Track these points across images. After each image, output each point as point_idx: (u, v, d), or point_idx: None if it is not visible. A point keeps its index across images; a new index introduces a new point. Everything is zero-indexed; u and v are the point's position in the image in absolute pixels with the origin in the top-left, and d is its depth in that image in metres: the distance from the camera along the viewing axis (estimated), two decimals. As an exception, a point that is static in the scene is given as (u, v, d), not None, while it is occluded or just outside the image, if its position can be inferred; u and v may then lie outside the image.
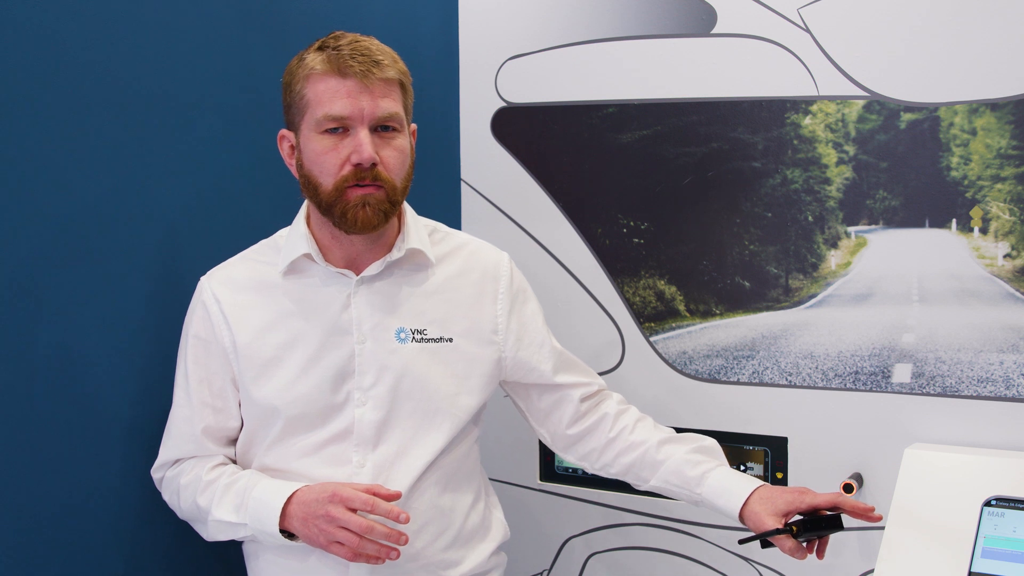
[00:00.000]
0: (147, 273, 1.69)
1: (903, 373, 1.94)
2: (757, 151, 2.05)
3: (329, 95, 1.51)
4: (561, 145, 2.25)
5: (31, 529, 1.53)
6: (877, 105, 1.94)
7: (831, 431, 2.01)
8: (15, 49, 1.48)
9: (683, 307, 2.16)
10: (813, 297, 2.04)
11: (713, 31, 2.07)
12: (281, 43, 1.91)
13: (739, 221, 2.09)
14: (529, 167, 2.29)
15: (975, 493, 1.72)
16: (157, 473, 1.67)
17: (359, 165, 1.51)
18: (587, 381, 1.77)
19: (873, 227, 1.98)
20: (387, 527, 1.47)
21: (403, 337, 1.60)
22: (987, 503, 1.70)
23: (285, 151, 1.61)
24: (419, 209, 1.71)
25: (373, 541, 1.46)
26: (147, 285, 1.69)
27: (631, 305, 2.21)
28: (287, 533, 1.51)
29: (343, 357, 1.58)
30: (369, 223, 1.53)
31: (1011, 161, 1.84)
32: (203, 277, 1.65)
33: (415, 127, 1.63)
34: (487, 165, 2.33)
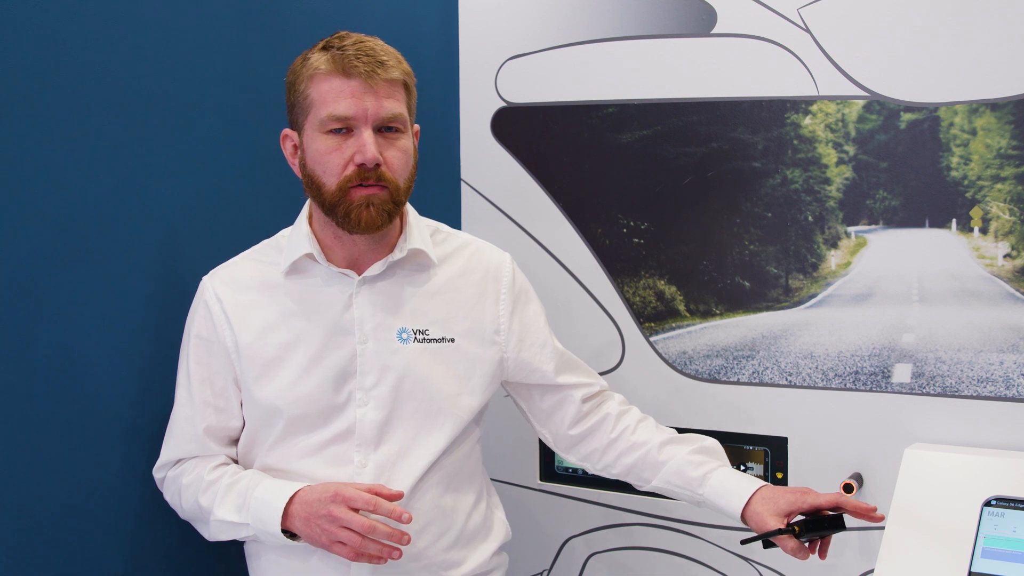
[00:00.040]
0: (147, 273, 1.69)
1: (903, 373, 1.94)
2: (757, 151, 2.05)
3: (333, 95, 1.51)
4: (561, 145, 2.25)
5: (31, 529, 1.53)
6: (877, 105, 1.94)
7: (831, 431, 2.01)
8: (15, 49, 1.48)
9: (683, 307, 2.16)
10: (813, 297, 2.04)
11: (713, 31, 2.07)
12: (281, 43, 1.91)
13: (739, 221, 2.09)
14: (529, 167, 2.29)
15: (975, 493, 1.72)
16: (159, 473, 1.67)
17: (363, 165, 1.51)
18: (589, 382, 1.77)
19: (873, 227, 1.98)
20: (389, 527, 1.46)
21: (405, 337, 1.60)
22: (987, 503, 1.70)
23: (288, 150, 1.61)
24: (419, 209, 1.71)
25: (375, 541, 1.45)
26: (147, 285, 1.69)
27: (631, 305, 2.21)
28: (289, 533, 1.51)
29: (345, 357, 1.58)
30: (373, 223, 1.53)
31: (1011, 161, 1.84)
32: (205, 277, 1.64)
33: (418, 128, 1.63)
34: (487, 165, 2.33)
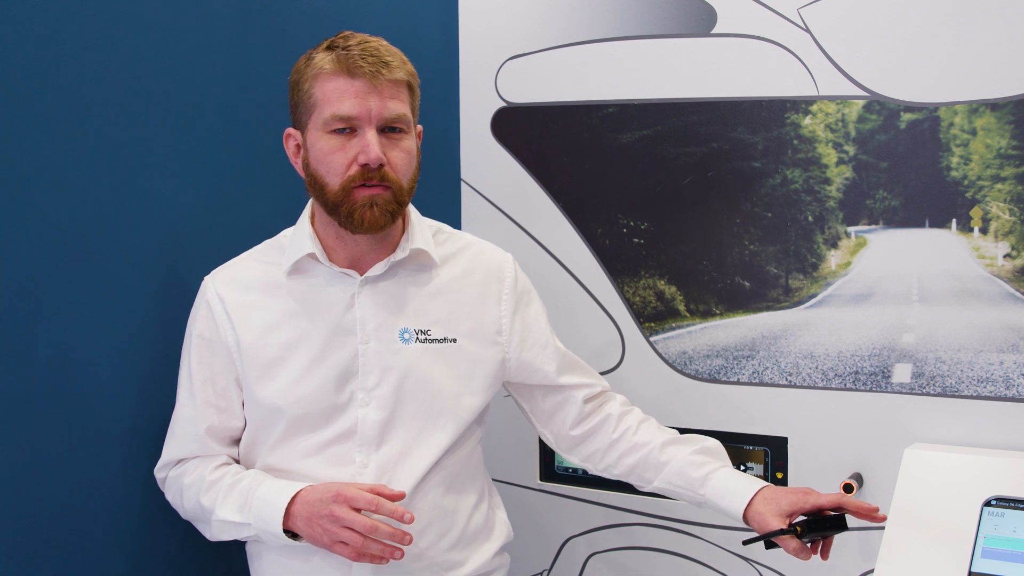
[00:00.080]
0: (148, 273, 1.69)
1: (903, 373, 1.94)
2: (757, 151, 2.05)
3: (338, 95, 1.51)
4: (561, 145, 2.25)
5: (31, 529, 1.53)
6: (877, 105, 1.94)
7: (831, 431, 2.01)
8: (15, 49, 1.48)
9: (683, 307, 2.16)
10: (813, 297, 2.04)
11: (713, 31, 2.07)
12: (281, 43, 1.91)
13: (739, 221, 2.09)
14: (529, 167, 2.29)
15: (975, 493, 1.72)
16: (160, 473, 1.67)
17: (366, 165, 1.51)
18: (591, 382, 1.76)
19: (873, 227, 1.98)
20: (391, 527, 1.46)
21: (407, 337, 1.60)
22: (987, 503, 1.70)
23: (291, 150, 1.61)
24: (419, 209, 1.70)
25: (377, 541, 1.45)
26: (148, 285, 1.69)
27: (631, 305, 2.21)
28: (291, 533, 1.51)
29: (347, 357, 1.58)
30: (376, 223, 1.53)
31: (1011, 161, 1.84)
32: (207, 277, 1.64)
33: (421, 128, 1.62)
34: (487, 165, 2.33)
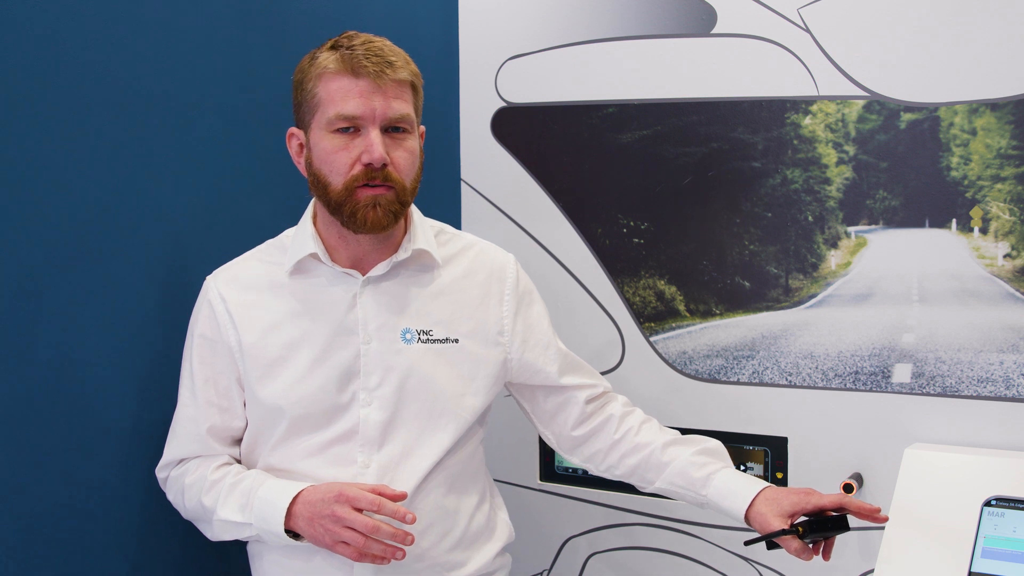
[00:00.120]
0: (148, 274, 1.69)
1: (903, 373, 1.95)
2: (757, 151, 2.05)
3: (341, 94, 1.51)
4: (561, 145, 2.25)
5: (31, 529, 1.52)
6: (877, 105, 1.94)
7: (831, 431, 2.01)
8: (15, 49, 1.48)
9: (683, 307, 2.16)
10: (813, 297, 2.04)
11: (713, 31, 2.07)
12: (281, 43, 1.91)
13: (739, 221, 2.09)
14: (529, 167, 2.29)
15: (975, 493, 1.72)
16: (162, 472, 1.67)
17: (370, 165, 1.51)
18: (593, 383, 1.76)
19: (873, 227, 1.98)
20: (393, 527, 1.46)
21: (409, 338, 1.60)
22: (987, 503, 1.70)
23: (294, 149, 1.61)
24: (419, 209, 1.70)
25: (379, 541, 1.45)
26: (148, 286, 1.69)
27: (631, 305, 2.21)
28: (292, 533, 1.51)
29: (349, 357, 1.58)
30: (379, 224, 1.53)
31: (1011, 161, 1.84)
32: (209, 276, 1.64)
33: (424, 129, 1.62)
34: (487, 165, 2.33)
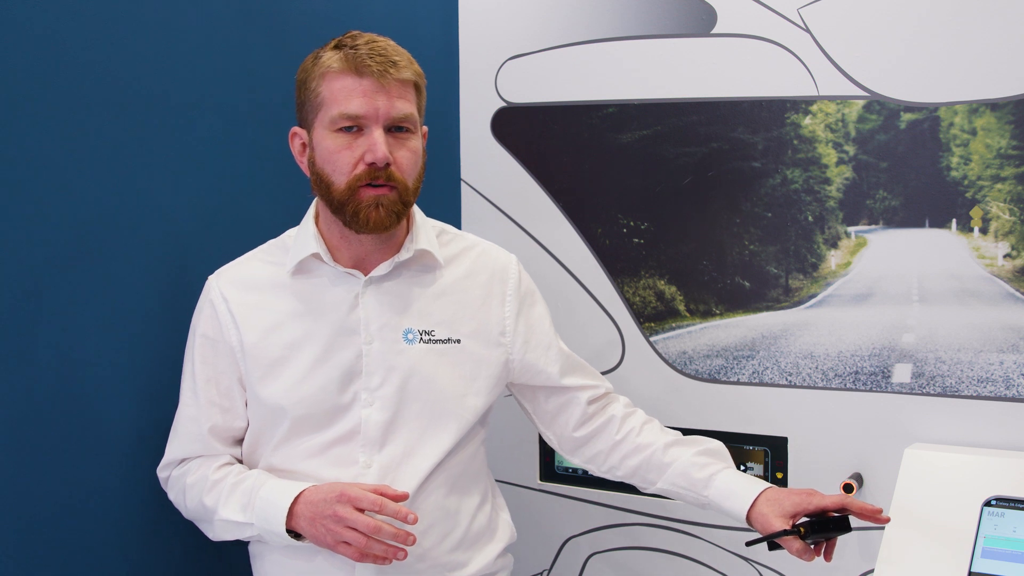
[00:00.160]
0: (149, 274, 1.69)
1: (903, 373, 1.95)
2: (757, 151, 2.06)
3: (345, 94, 1.51)
4: (561, 145, 2.25)
5: (31, 529, 1.52)
6: (877, 105, 1.94)
7: (831, 431, 2.01)
8: (15, 49, 1.48)
9: (683, 307, 2.16)
10: (813, 297, 2.04)
11: (713, 31, 2.07)
12: (282, 43, 1.91)
13: (739, 221, 2.09)
14: (529, 167, 2.29)
15: (975, 493, 1.72)
16: (163, 472, 1.66)
17: (373, 164, 1.50)
18: (594, 384, 1.76)
19: (873, 227, 1.98)
20: (395, 527, 1.46)
21: (411, 338, 1.60)
22: (987, 503, 1.70)
23: (296, 148, 1.60)
24: (419, 209, 1.70)
25: (380, 541, 1.45)
26: (149, 286, 1.68)
27: (631, 305, 2.21)
28: (294, 533, 1.51)
29: (350, 357, 1.58)
30: (381, 224, 1.53)
31: (1011, 161, 1.84)
32: (211, 276, 1.64)
33: (426, 129, 1.62)
34: (487, 165, 2.33)
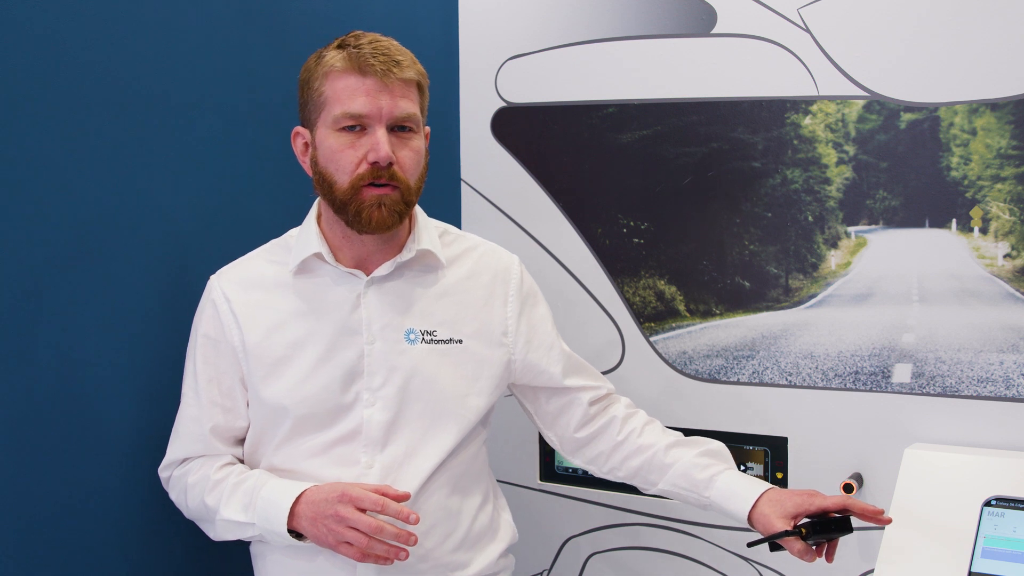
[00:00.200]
0: (149, 274, 1.68)
1: (903, 373, 1.95)
2: (757, 151, 2.06)
3: (348, 93, 1.51)
4: (561, 145, 2.25)
5: (31, 529, 1.52)
6: (877, 105, 1.94)
7: (831, 431, 2.01)
8: (15, 49, 1.48)
9: (683, 307, 2.16)
10: (813, 297, 2.04)
11: (713, 31, 2.07)
12: (281, 43, 1.90)
13: (739, 221, 2.09)
14: (529, 167, 2.29)
15: (975, 493, 1.72)
16: (164, 472, 1.66)
17: (376, 164, 1.50)
18: (596, 385, 1.76)
19: (873, 227, 1.98)
20: (396, 527, 1.46)
21: (413, 338, 1.60)
22: (987, 503, 1.70)
23: (299, 148, 1.60)
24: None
25: (382, 541, 1.45)
26: (149, 286, 1.68)
27: (631, 305, 2.21)
28: (295, 533, 1.50)
29: (352, 357, 1.57)
30: (384, 223, 1.52)
31: (1011, 161, 1.84)
32: (213, 276, 1.64)
33: (429, 130, 1.62)
34: (487, 165, 2.33)
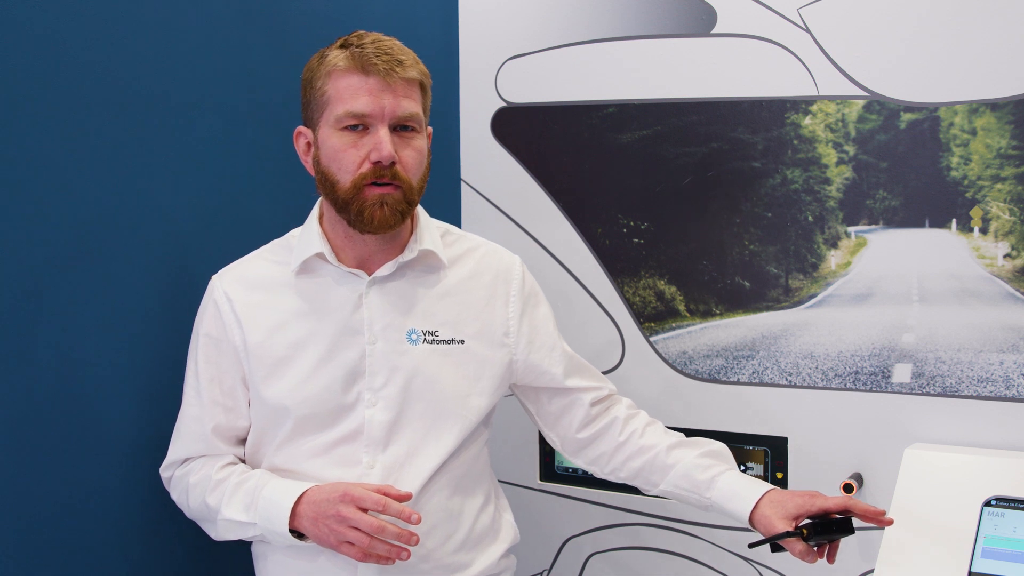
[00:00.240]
0: (149, 274, 1.68)
1: (903, 373, 1.95)
2: (757, 151, 2.06)
3: (351, 92, 1.50)
4: (561, 145, 2.25)
5: (31, 529, 1.52)
6: (877, 105, 1.94)
7: (831, 431, 2.01)
8: (15, 49, 1.48)
9: (683, 307, 2.16)
10: (813, 297, 2.04)
11: (713, 31, 2.07)
12: (282, 43, 1.90)
13: (739, 221, 2.09)
14: (529, 167, 2.29)
15: (975, 493, 1.72)
16: (166, 472, 1.66)
17: (378, 163, 1.50)
18: (598, 385, 1.76)
19: (873, 227, 1.98)
20: (398, 527, 1.45)
21: (414, 338, 1.60)
22: (987, 503, 1.70)
23: (301, 148, 1.60)
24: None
25: (383, 541, 1.45)
26: (149, 286, 1.68)
27: (631, 305, 2.21)
28: (297, 533, 1.50)
29: (354, 357, 1.57)
30: (386, 223, 1.52)
31: (1011, 161, 1.84)
32: (215, 276, 1.63)
33: (431, 130, 1.62)
34: (487, 165, 2.33)
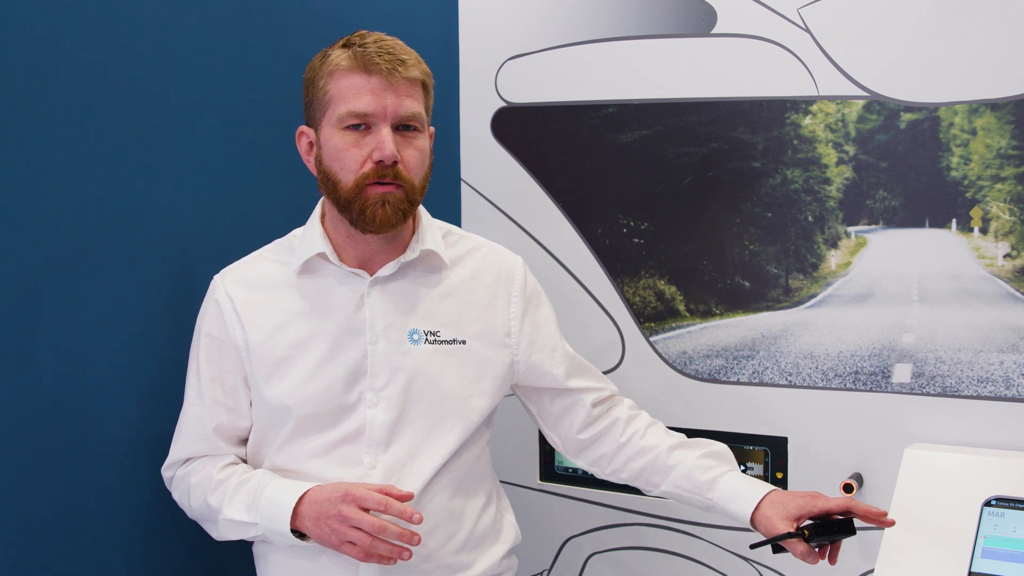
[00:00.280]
0: (150, 274, 1.68)
1: (903, 373, 1.95)
2: (757, 151, 2.06)
3: (353, 91, 1.50)
4: (561, 145, 2.25)
5: (31, 529, 1.52)
6: (877, 105, 1.94)
7: (831, 431, 2.01)
8: (15, 49, 1.47)
9: (683, 307, 2.16)
10: (813, 297, 2.04)
11: (713, 31, 2.07)
12: (282, 43, 1.90)
13: (739, 221, 2.09)
14: (529, 167, 2.29)
15: (975, 493, 1.72)
16: (167, 472, 1.66)
17: (381, 162, 1.50)
18: (599, 386, 1.75)
19: (873, 227, 1.98)
20: (400, 527, 1.46)
21: (416, 338, 1.59)
22: (987, 503, 1.70)
23: (303, 147, 1.60)
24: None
25: (385, 541, 1.45)
26: (150, 286, 1.68)
27: (631, 305, 2.21)
28: (298, 533, 1.50)
29: (356, 357, 1.57)
30: (388, 222, 1.52)
31: (1011, 161, 1.84)
32: (217, 275, 1.63)
33: (433, 129, 1.62)
34: (487, 165, 2.33)
